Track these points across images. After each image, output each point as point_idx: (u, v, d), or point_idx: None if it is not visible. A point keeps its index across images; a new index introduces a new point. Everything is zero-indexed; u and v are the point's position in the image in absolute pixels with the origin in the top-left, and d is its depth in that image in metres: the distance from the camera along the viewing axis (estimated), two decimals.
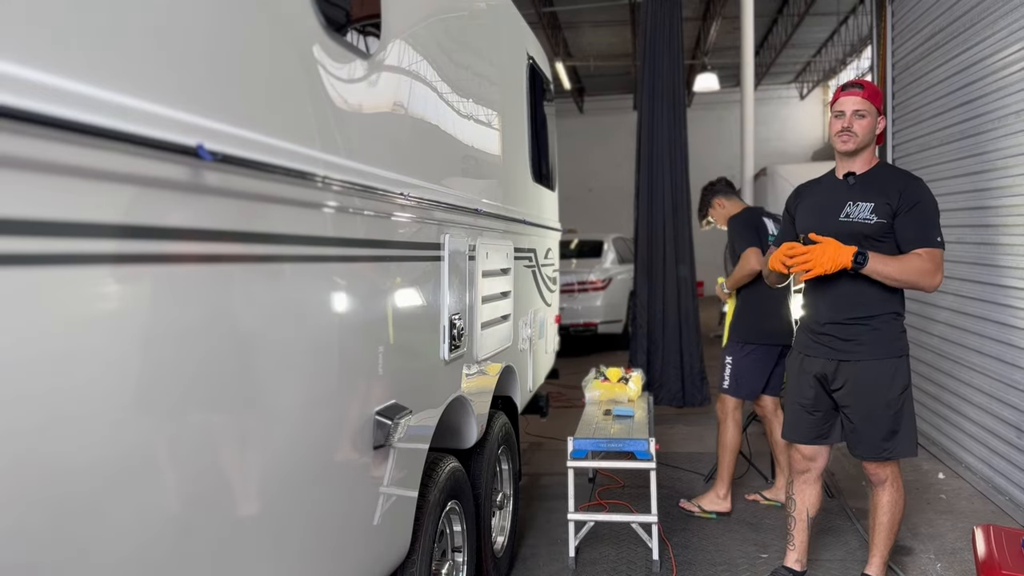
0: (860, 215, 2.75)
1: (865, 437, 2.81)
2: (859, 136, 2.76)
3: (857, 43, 14.15)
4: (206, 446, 1.32)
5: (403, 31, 2.17)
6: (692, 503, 4.04)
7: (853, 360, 2.76)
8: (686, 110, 6.50)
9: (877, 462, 2.84)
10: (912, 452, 2.82)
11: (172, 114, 1.19)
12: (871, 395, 2.76)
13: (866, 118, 2.75)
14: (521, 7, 4.22)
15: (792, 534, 3.08)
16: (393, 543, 2.11)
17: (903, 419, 2.77)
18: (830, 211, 2.81)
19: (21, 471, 0.97)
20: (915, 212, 2.69)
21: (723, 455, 4.01)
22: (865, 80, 2.79)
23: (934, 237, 2.68)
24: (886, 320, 2.75)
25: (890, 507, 2.89)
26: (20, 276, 0.96)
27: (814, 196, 2.95)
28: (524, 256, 3.78)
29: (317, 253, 1.70)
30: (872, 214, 2.73)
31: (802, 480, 3.03)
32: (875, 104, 2.77)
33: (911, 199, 2.70)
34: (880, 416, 2.76)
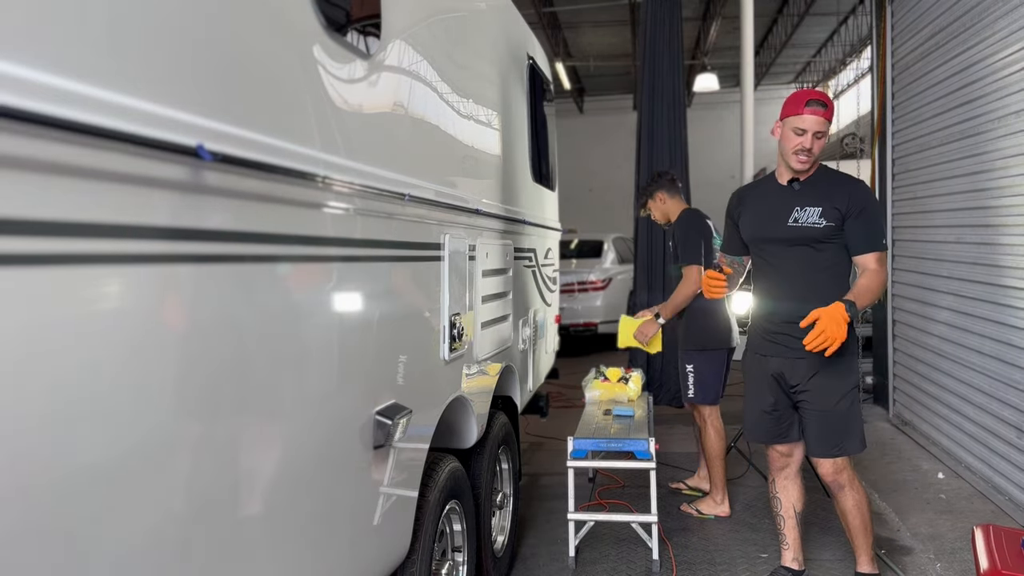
0: (809, 219, 2.80)
1: (822, 434, 2.85)
2: (815, 156, 2.78)
3: (857, 43, 14.14)
4: (206, 446, 1.32)
5: (403, 31, 2.17)
6: (690, 507, 4.03)
7: (810, 357, 2.75)
8: (686, 110, 6.50)
9: (833, 465, 2.86)
10: (861, 448, 2.88)
11: (172, 114, 1.19)
12: (828, 391, 2.81)
13: (823, 138, 2.75)
14: (521, 7, 4.22)
15: (784, 533, 3.10)
16: (393, 543, 2.11)
17: (853, 415, 2.84)
18: (778, 217, 2.85)
19: (22, 471, 0.97)
20: (864, 216, 2.78)
21: (711, 462, 4.01)
22: (825, 96, 2.77)
23: (881, 240, 2.79)
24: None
25: (857, 509, 2.91)
26: (20, 276, 0.96)
27: (758, 203, 2.97)
28: (524, 256, 3.78)
29: (317, 253, 1.70)
30: (821, 218, 2.78)
31: (783, 477, 3.05)
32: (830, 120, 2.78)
33: (859, 203, 2.77)
34: (835, 412, 2.82)
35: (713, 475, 4.02)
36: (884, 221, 2.84)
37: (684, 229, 4.01)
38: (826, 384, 2.81)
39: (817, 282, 2.80)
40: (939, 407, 4.86)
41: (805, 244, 2.82)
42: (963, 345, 4.47)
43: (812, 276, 2.82)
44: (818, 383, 2.82)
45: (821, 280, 2.80)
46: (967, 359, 4.42)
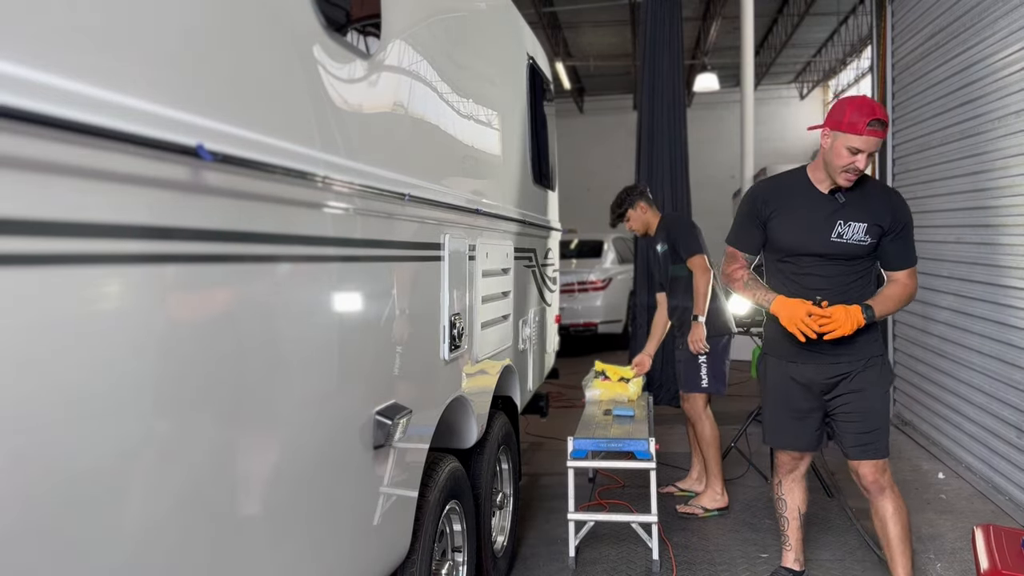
0: (854, 237, 2.69)
1: (863, 436, 2.77)
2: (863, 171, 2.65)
3: (857, 43, 14.14)
4: (206, 446, 1.32)
5: (403, 31, 2.17)
6: (691, 506, 4.03)
7: (847, 362, 2.74)
8: (686, 110, 6.50)
9: (876, 467, 2.77)
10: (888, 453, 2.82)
11: (172, 114, 1.19)
12: (868, 391, 2.76)
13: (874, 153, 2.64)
14: (521, 7, 4.22)
15: (787, 534, 3.08)
16: (393, 543, 2.11)
17: (887, 416, 2.84)
18: (819, 230, 2.72)
19: (21, 471, 0.97)
20: (904, 234, 2.73)
21: (709, 452, 4.02)
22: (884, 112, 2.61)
23: (915, 256, 2.78)
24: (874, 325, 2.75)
25: (898, 515, 2.80)
26: (20, 276, 0.96)
27: (795, 210, 2.79)
28: (524, 256, 3.78)
29: (317, 253, 1.70)
30: (866, 235, 2.69)
31: (791, 479, 3.02)
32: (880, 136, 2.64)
33: (901, 221, 2.72)
34: (874, 412, 2.77)
35: (713, 467, 4.02)
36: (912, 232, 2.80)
37: (678, 227, 4.10)
38: (865, 384, 2.75)
39: (848, 290, 2.73)
40: (939, 407, 4.86)
41: (847, 260, 2.73)
42: (963, 345, 4.47)
43: (844, 285, 2.74)
44: (857, 384, 2.75)
45: (851, 287, 2.74)
46: (967, 359, 4.42)
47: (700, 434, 4.05)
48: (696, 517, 3.97)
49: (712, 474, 4.03)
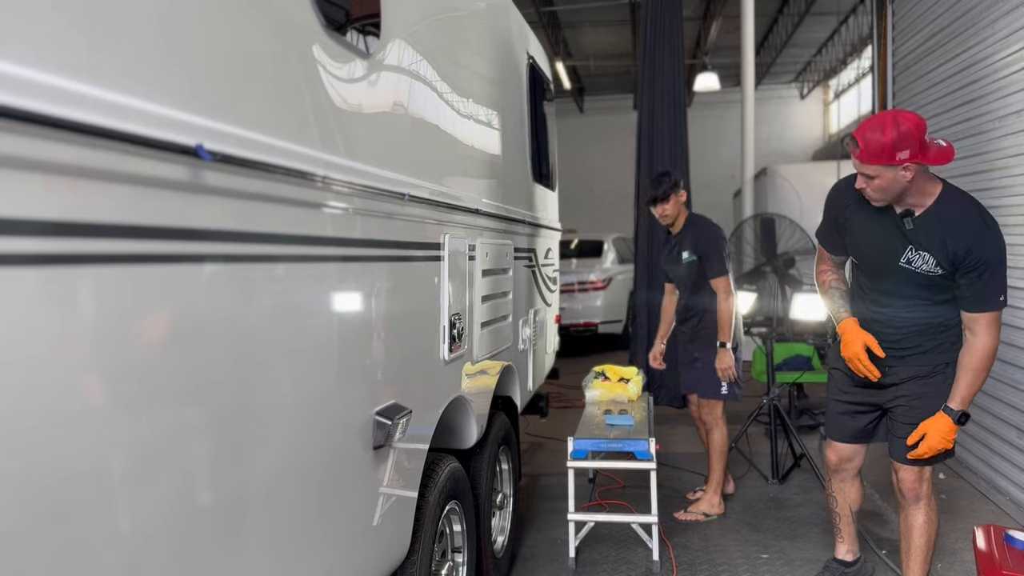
0: (923, 266, 2.52)
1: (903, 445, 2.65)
2: (880, 197, 2.48)
3: (857, 43, 14.14)
4: (205, 447, 1.32)
5: (403, 31, 2.17)
6: (692, 513, 4.00)
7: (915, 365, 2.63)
8: (686, 110, 6.50)
9: (918, 474, 2.66)
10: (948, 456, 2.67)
11: (172, 114, 1.19)
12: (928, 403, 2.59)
13: (876, 179, 2.43)
14: (521, 7, 4.21)
15: (839, 527, 3.06)
16: (393, 543, 2.11)
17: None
18: (887, 253, 2.58)
19: (21, 471, 0.97)
20: (979, 271, 2.43)
21: (717, 459, 4.01)
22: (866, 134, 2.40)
23: (996, 297, 2.44)
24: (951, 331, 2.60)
25: (926, 528, 2.69)
26: (20, 276, 0.96)
27: (866, 225, 2.64)
28: (524, 256, 3.78)
29: (317, 253, 1.70)
30: (936, 267, 2.50)
31: (839, 479, 2.97)
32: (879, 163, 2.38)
33: (978, 256, 2.41)
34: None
35: (717, 475, 4.02)
36: (1005, 274, 2.44)
37: (708, 241, 3.96)
38: (927, 391, 2.61)
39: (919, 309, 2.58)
40: None
41: (918, 283, 2.57)
42: None
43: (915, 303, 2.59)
44: (919, 389, 2.63)
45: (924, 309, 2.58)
46: None
47: (713, 440, 4.03)
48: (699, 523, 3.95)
49: (715, 481, 4.02)
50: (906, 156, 2.35)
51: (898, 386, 2.68)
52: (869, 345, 2.62)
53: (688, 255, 4.00)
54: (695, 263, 3.97)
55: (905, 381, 2.67)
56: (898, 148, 2.34)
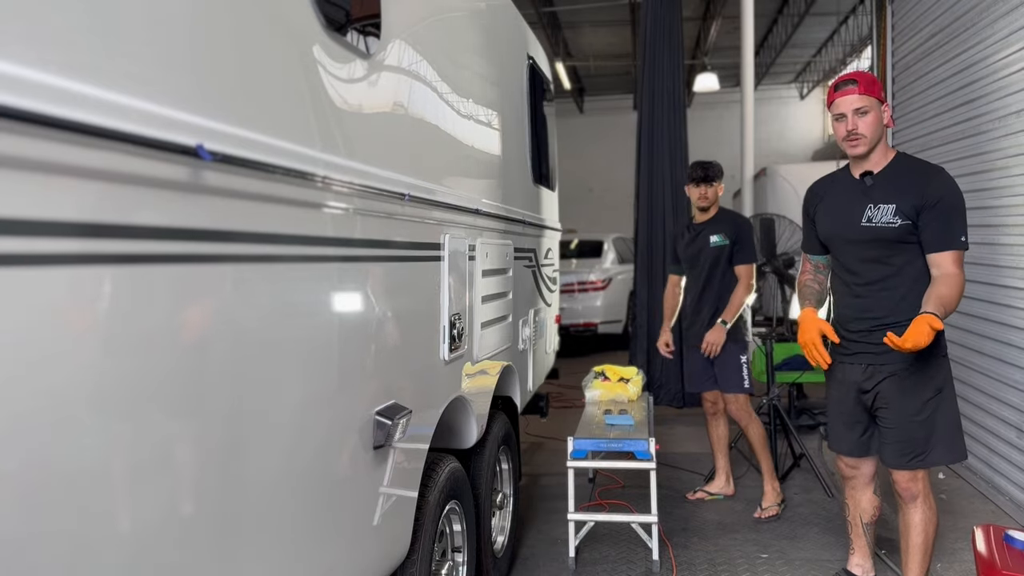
0: (882, 219, 2.59)
1: (898, 444, 2.63)
2: (867, 136, 2.59)
3: (857, 43, 14.15)
4: (205, 447, 1.32)
5: (403, 31, 2.17)
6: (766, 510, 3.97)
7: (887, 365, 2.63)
8: (686, 110, 6.50)
9: (911, 476, 2.64)
10: (950, 458, 2.66)
11: (172, 114, 1.19)
12: (906, 400, 2.61)
13: (869, 113, 2.58)
14: (521, 7, 4.22)
15: (850, 536, 3.05)
16: (393, 543, 2.11)
17: (938, 423, 2.59)
18: (851, 215, 2.66)
19: (21, 471, 0.97)
20: (939, 208, 2.52)
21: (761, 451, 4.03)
22: (858, 73, 2.62)
23: (958, 236, 2.51)
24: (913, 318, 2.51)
25: (923, 526, 2.67)
26: (20, 276, 0.96)
27: (832, 199, 2.78)
28: (524, 256, 3.78)
29: (317, 253, 1.70)
30: (895, 216, 2.57)
31: (850, 487, 2.93)
32: (874, 95, 2.59)
33: (935, 195, 2.52)
34: (913, 423, 2.60)
35: (768, 462, 4.04)
36: (964, 216, 2.54)
37: (744, 226, 4.04)
38: (904, 393, 2.61)
39: (893, 288, 2.61)
40: None
41: (881, 245, 2.62)
42: (963, 345, 4.47)
43: (887, 281, 2.63)
44: (895, 391, 2.63)
45: (897, 285, 2.61)
46: (967, 359, 4.42)
47: (752, 435, 4.04)
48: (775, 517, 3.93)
49: (768, 469, 4.04)
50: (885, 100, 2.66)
51: (879, 388, 2.67)
52: (824, 331, 2.63)
53: (719, 239, 4.00)
54: (725, 247, 3.98)
55: (882, 381, 2.66)
56: (881, 90, 2.65)
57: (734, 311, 3.94)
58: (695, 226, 4.15)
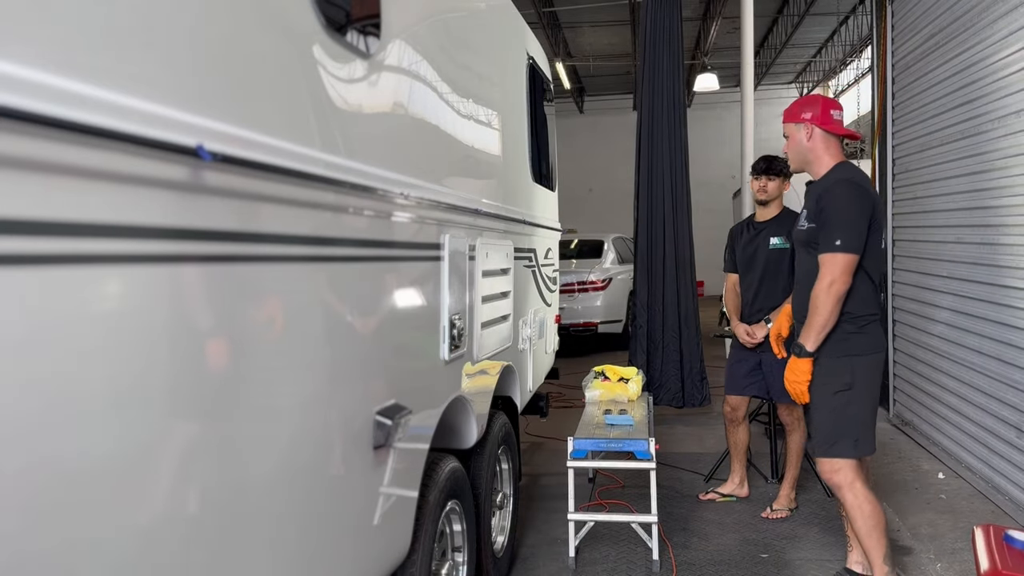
0: (801, 222, 2.91)
1: (814, 432, 2.87)
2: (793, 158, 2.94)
3: (857, 43, 14.15)
4: (205, 447, 1.32)
5: (403, 31, 2.17)
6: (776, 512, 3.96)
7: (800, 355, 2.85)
8: (686, 110, 6.49)
9: (828, 465, 2.81)
10: (855, 452, 2.78)
11: (172, 114, 1.19)
12: (815, 390, 2.82)
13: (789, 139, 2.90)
14: (521, 7, 4.22)
15: (847, 535, 3.11)
16: (393, 543, 2.11)
17: (845, 418, 2.76)
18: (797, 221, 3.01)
19: (21, 471, 0.97)
20: (823, 215, 2.74)
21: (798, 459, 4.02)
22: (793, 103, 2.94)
23: (832, 241, 2.69)
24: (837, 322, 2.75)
25: (856, 512, 2.78)
26: (20, 276, 0.96)
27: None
28: (524, 256, 3.78)
29: (317, 253, 1.70)
30: (805, 220, 2.88)
31: None
32: (791, 119, 2.88)
33: (823, 201, 2.75)
34: (821, 411, 2.81)
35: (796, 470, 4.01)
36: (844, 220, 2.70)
37: None
38: (815, 383, 2.82)
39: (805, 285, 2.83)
40: (939, 407, 4.86)
41: (802, 248, 2.92)
42: (963, 345, 4.47)
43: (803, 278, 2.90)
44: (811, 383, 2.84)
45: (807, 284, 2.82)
46: (967, 359, 4.42)
47: (795, 440, 4.00)
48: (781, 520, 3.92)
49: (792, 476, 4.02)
50: (808, 116, 2.85)
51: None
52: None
53: (779, 241, 3.89)
54: (786, 251, 3.84)
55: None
56: (803, 109, 2.87)
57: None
58: (756, 224, 4.03)
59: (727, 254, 4.23)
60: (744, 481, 4.27)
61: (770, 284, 3.93)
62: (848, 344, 2.77)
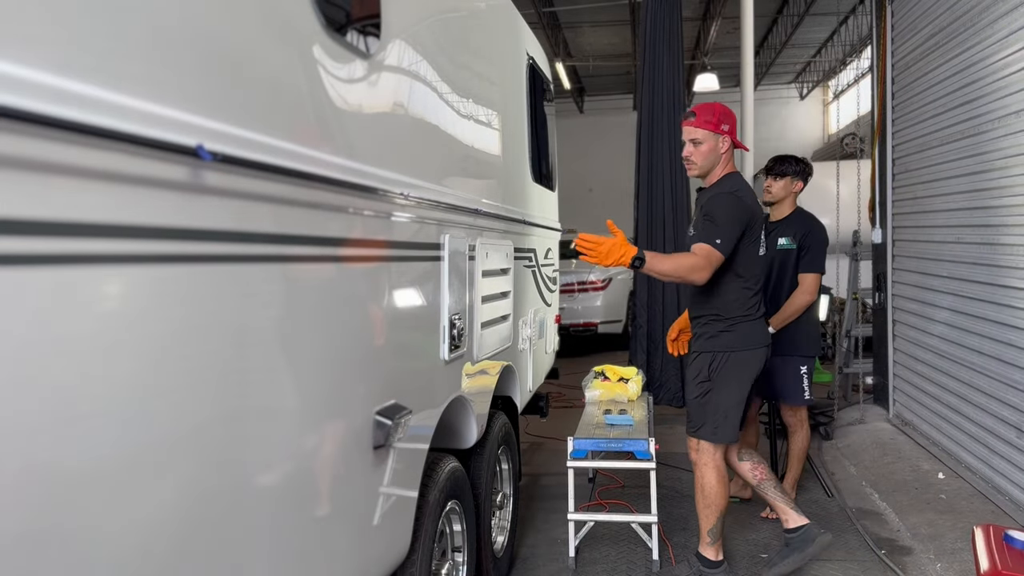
0: (690, 231, 3.18)
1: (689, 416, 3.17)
2: (697, 163, 3.05)
3: (857, 43, 14.13)
4: (205, 447, 1.32)
5: (403, 31, 2.17)
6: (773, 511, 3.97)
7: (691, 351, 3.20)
8: (686, 110, 6.49)
9: (693, 443, 3.14)
10: (714, 439, 3.05)
11: (172, 114, 1.19)
12: (689, 380, 3.16)
13: (703, 144, 3.01)
14: (521, 7, 4.21)
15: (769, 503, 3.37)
16: (393, 543, 2.11)
17: (705, 405, 3.05)
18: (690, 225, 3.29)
19: (22, 471, 0.97)
20: (706, 216, 2.97)
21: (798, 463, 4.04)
22: (702, 106, 3.05)
23: (713, 238, 2.90)
24: (708, 321, 3.08)
25: (696, 487, 3.13)
26: (20, 276, 0.96)
27: None
28: (524, 256, 3.78)
29: (317, 253, 1.70)
30: (692, 228, 3.13)
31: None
32: (710, 128, 3.00)
33: (708, 207, 2.98)
34: (689, 397, 3.15)
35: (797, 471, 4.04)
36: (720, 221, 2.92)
37: (819, 233, 3.94)
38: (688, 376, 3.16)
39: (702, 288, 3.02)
40: (939, 407, 4.86)
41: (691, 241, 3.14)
42: (963, 345, 4.47)
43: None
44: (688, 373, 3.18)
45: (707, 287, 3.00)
46: (967, 359, 4.42)
47: (798, 441, 4.02)
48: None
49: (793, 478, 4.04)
50: (726, 129, 3.05)
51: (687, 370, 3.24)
52: None
53: (787, 242, 3.93)
54: (792, 251, 3.90)
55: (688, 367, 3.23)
56: (723, 122, 3.04)
57: (782, 319, 3.84)
58: (767, 224, 4.01)
59: None
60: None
61: (778, 283, 3.98)
62: (715, 341, 3.05)
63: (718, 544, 3.14)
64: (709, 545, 3.13)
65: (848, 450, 5.09)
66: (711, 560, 3.13)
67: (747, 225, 2.96)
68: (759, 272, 3.11)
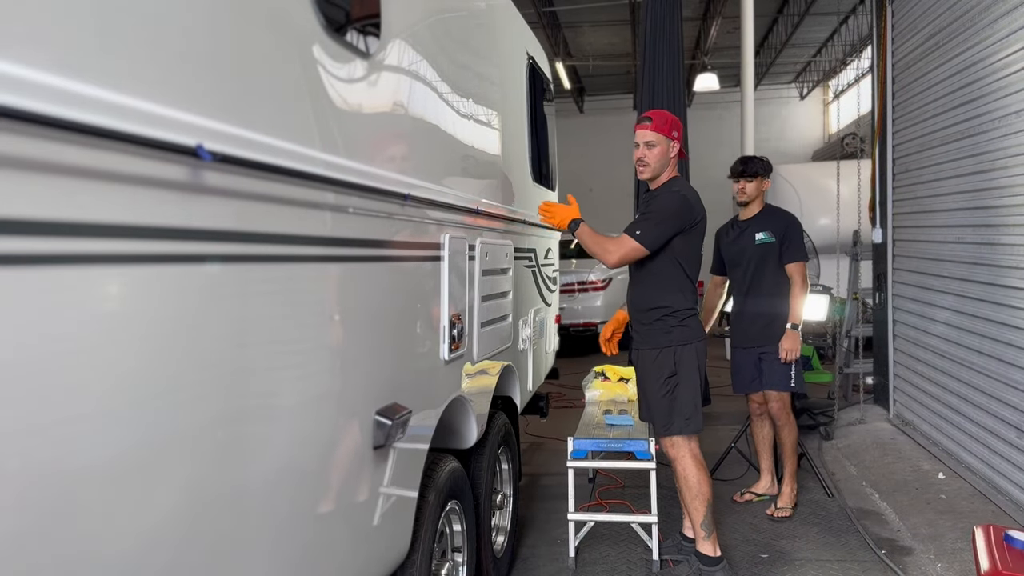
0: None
1: (651, 416, 3.21)
2: (651, 165, 3.16)
3: (857, 43, 14.13)
4: (205, 446, 1.32)
5: (403, 31, 2.17)
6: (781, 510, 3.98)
7: (637, 348, 3.25)
8: (686, 110, 6.49)
9: (666, 442, 3.18)
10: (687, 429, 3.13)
11: (172, 114, 1.19)
12: (645, 380, 3.21)
13: (656, 147, 3.14)
14: (521, 7, 4.21)
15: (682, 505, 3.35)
16: (393, 543, 2.11)
17: (672, 402, 3.13)
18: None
19: (22, 471, 0.97)
20: (643, 212, 3.17)
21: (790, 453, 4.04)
22: (657, 112, 3.22)
23: (634, 230, 3.10)
24: (656, 315, 3.16)
25: (680, 482, 3.19)
26: (20, 276, 0.96)
27: None
28: (524, 256, 3.78)
29: (317, 253, 1.70)
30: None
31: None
32: (664, 133, 3.14)
33: (652, 203, 3.15)
34: (653, 399, 3.17)
35: (793, 465, 4.04)
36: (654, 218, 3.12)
37: (792, 224, 4.02)
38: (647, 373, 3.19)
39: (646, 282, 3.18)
40: (939, 407, 4.86)
41: None
42: (963, 345, 4.47)
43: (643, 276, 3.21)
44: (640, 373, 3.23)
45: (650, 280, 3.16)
46: (967, 359, 4.42)
47: (786, 435, 4.04)
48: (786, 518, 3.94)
49: (790, 473, 4.04)
50: (676, 136, 3.22)
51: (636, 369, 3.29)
52: None
53: (764, 236, 3.99)
54: (772, 245, 3.97)
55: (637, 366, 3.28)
56: (674, 128, 3.21)
57: (799, 313, 3.92)
58: (740, 223, 4.12)
59: (714, 256, 4.32)
60: (775, 478, 4.26)
61: (759, 277, 4.03)
62: (671, 336, 3.14)
63: (714, 537, 3.17)
64: (705, 540, 3.15)
65: (848, 450, 5.09)
66: (711, 557, 3.14)
67: (691, 222, 3.10)
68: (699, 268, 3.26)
